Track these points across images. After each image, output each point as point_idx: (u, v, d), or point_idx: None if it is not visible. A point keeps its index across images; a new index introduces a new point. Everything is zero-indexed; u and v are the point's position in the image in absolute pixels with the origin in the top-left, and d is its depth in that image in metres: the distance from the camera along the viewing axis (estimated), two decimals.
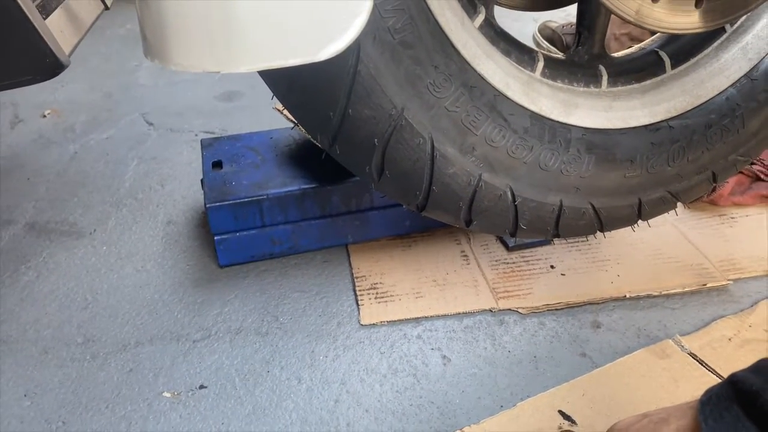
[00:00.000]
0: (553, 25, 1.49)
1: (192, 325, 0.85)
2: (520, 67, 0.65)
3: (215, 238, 0.91)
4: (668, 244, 0.95)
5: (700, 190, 0.78)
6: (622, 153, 0.69)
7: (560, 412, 0.69)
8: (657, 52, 0.74)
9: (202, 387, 0.76)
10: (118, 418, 0.72)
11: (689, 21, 0.63)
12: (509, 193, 0.66)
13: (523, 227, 0.69)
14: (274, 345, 0.81)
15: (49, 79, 0.56)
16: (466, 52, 0.58)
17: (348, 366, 0.78)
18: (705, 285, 0.87)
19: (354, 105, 0.56)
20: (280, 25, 0.45)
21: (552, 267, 0.92)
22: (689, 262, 0.91)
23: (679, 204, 0.78)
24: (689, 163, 0.73)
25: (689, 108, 0.72)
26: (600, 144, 0.68)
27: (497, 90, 0.61)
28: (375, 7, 0.49)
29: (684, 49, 0.75)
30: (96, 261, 0.97)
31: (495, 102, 0.62)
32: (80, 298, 0.90)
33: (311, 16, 0.45)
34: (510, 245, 0.95)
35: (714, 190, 1.02)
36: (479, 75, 0.60)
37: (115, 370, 0.78)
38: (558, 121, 0.66)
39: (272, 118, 1.35)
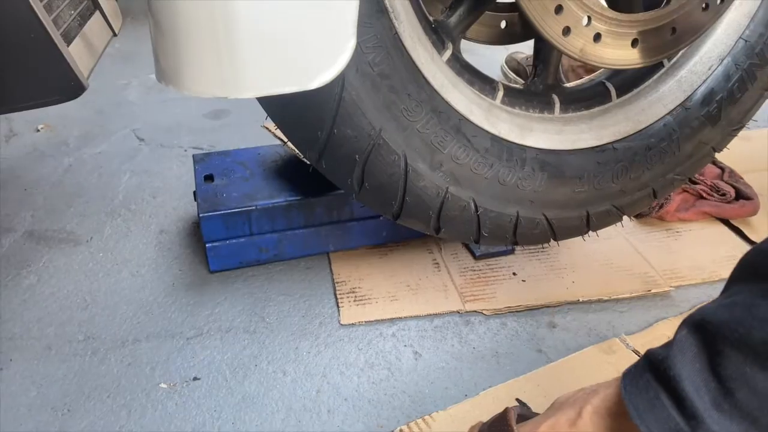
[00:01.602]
0: (519, 56, 1.60)
1: (185, 324, 0.92)
2: (482, 96, 0.74)
3: (207, 245, 0.99)
4: (619, 254, 1.05)
5: (642, 205, 0.88)
6: (571, 171, 0.79)
7: (517, 399, 0.78)
8: (604, 83, 0.85)
9: (195, 379, 0.83)
10: (119, 406, 0.80)
11: (627, 58, 0.74)
12: (472, 205, 0.75)
13: (485, 234, 0.79)
14: (261, 342, 0.89)
15: (72, 99, 0.64)
16: (435, 83, 0.68)
17: (329, 361, 0.86)
18: (650, 291, 0.97)
19: (339, 126, 0.65)
20: (279, 59, 0.54)
21: (514, 274, 1.01)
22: (637, 271, 1.02)
23: (624, 216, 0.89)
24: (631, 181, 0.83)
25: (631, 132, 0.82)
26: (552, 163, 0.78)
27: (462, 115, 0.71)
28: (358, 44, 0.59)
29: (628, 81, 0.85)
30: (93, 266, 1.04)
31: (460, 125, 0.71)
32: (80, 300, 0.97)
33: (305, 51, 0.54)
34: (476, 254, 1.04)
35: (662, 206, 1.12)
36: (446, 102, 0.69)
37: (114, 364, 0.86)
38: (515, 143, 0.75)
39: (257, 135, 1.44)
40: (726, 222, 1.14)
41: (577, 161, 0.79)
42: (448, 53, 0.72)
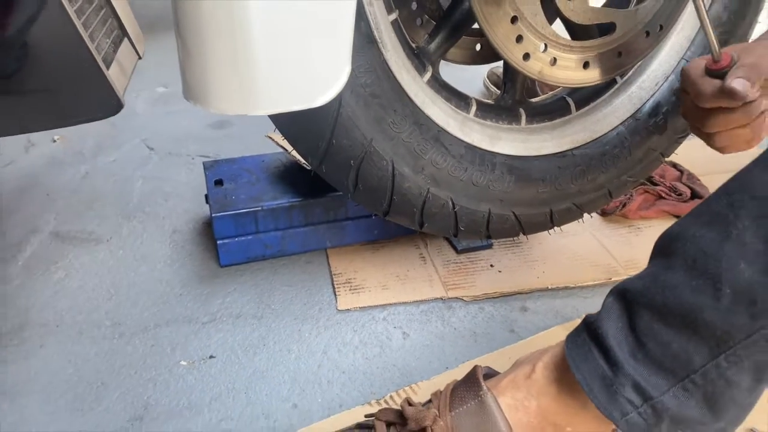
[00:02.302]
0: (499, 71, 1.74)
1: (200, 311, 1.04)
2: (458, 110, 0.87)
3: (218, 242, 1.11)
4: (586, 248, 1.18)
5: (599, 203, 1.01)
6: (535, 174, 0.92)
7: (491, 368, 0.90)
8: (565, 98, 0.98)
9: (211, 357, 0.95)
10: (145, 380, 0.91)
11: (580, 78, 0.87)
12: (450, 203, 0.88)
13: (462, 229, 0.91)
14: (268, 325, 1.01)
15: (113, 115, 0.77)
16: (417, 100, 0.81)
17: (328, 340, 0.98)
18: (611, 279, 1.10)
19: (336, 137, 0.78)
20: (289, 83, 0.66)
21: (491, 265, 1.14)
22: (601, 262, 1.14)
23: (584, 213, 1.01)
24: (588, 182, 0.96)
25: (588, 140, 0.96)
26: (518, 167, 0.91)
27: (440, 127, 0.84)
28: (352, 69, 0.71)
29: (585, 96, 0.98)
30: (115, 263, 1.16)
31: (438, 135, 0.84)
32: (105, 292, 1.09)
33: (311, 76, 0.66)
34: (458, 249, 1.17)
35: (625, 205, 1.25)
36: (427, 116, 0.82)
37: (140, 345, 0.97)
38: (486, 150, 0.88)
39: (257, 143, 1.55)
40: None
41: (540, 166, 0.92)
42: (428, 75, 0.85)
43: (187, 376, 0.92)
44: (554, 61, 0.82)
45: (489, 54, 1.04)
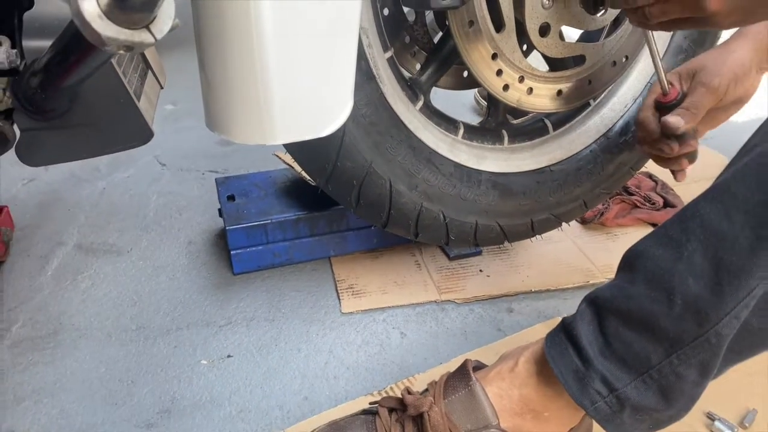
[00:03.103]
0: None
1: (217, 315, 1.15)
2: (447, 133, 0.98)
3: (231, 252, 1.22)
4: (566, 254, 1.29)
5: (576, 213, 1.12)
6: (517, 188, 1.03)
7: (479, 361, 1.01)
8: (543, 120, 1.09)
9: (229, 356, 1.06)
10: (170, 377, 1.02)
11: (554, 105, 0.98)
12: (441, 216, 0.99)
13: (452, 238, 1.03)
14: (279, 327, 1.12)
15: (145, 144, 0.88)
16: (411, 126, 0.92)
17: (333, 340, 1.09)
18: (588, 282, 1.21)
19: (341, 160, 0.89)
20: (301, 116, 0.77)
21: (480, 270, 1.25)
22: (580, 267, 1.26)
23: (562, 223, 1.13)
24: (565, 195, 1.07)
25: (564, 158, 1.07)
26: (502, 183, 1.02)
27: (431, 149, 0.95)
28: (354, 103, 0.82)
29: (562, 118, 1.09)
30: (136, 272, 1.27)
31: (430, 157, 0.95)
32: (128, 299, 1.19)
33: (319, 110, 0.77)
34: (450, 256, 1.28)
35: (602, 214, 1.37)
36: (420, 140, 0.93)
37: (164, 347, 1.08)
38: (473, 168, 0.99)
39: (264, 158, 1.66)
40: (655, 226, 1.38)
41: (521, 181, 1.03)
42: (420, 103, 0.96)
43: (208, 373, 1.03)
44: (530, 90, 0.94)
45: (475, 81, 1.15)
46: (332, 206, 1.22)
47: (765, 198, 0.61)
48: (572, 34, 1.06)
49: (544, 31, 0.90)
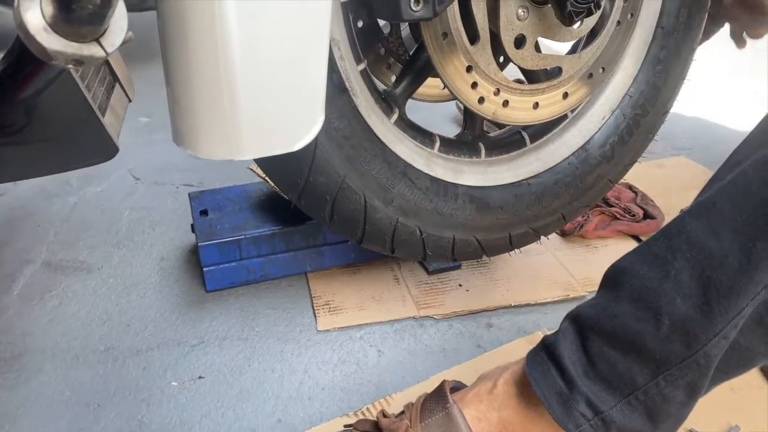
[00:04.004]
0: None
1: (189, 335, 1.11)
2: (423, 147, 0.96)
3: (204, 269, 1.19)
4: (546, 266, 1.28)
5: (555, 227, 1.10)
6: (494, 202, 1.01)
7: (458, 381, 0.99)
8: (520, 132, 1.08)
9: (200, 377, 1.03)
10: (139, 400, 0.98)
11: (531, 117, 0.97)
12: (418, 231, 0.97)
13: (429, 254, 1.00)
14: (252, 347, 1.09)
15: (109, 160, 0.85)
16: (385, 140, 0.90)
17: (308, 359, 1.06)
18: (569, 296, 1.19)
19: (314, 174, 0.86)
20: (270, 130, 0.75)
21: (460, 285, 1.23)
22: (560, 280, 1.24)
23: (541, 236, 1.11)
24: (543, 208, 1.06)
25: (542, 170, 1.05)
26: (479, 196, 1.00)
27: (407, 162, 0.93)
28: (326, 116, 0.80)
29: (539, 130, 1.08)
30: (106, 290, 1.23)
31: (405, 170, 0.93)
32: (98, 318, 1.16)
33: (289, 125, 0.75)
34: (429, 270, 1.26)
35: (582, 226, 1.36)
36: (395, 153, 0.91)
37: (133, 368, 1.04)
38: (449, 182, 0.97)
39: (241, 171, 1.64)
40: (636, 237, 1.37)
41: (498, 195, 1.02)
42: (395, 116, 0.94)
43: (178, 395, 0.99)
44: (506, 103, 0.92)
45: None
46: (308, 220, 1.20)
47: (752, 216, 0.60)
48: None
49: (519, 43, 0.88)
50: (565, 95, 0.97)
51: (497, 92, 0.90)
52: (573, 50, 1.06)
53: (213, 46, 0.69)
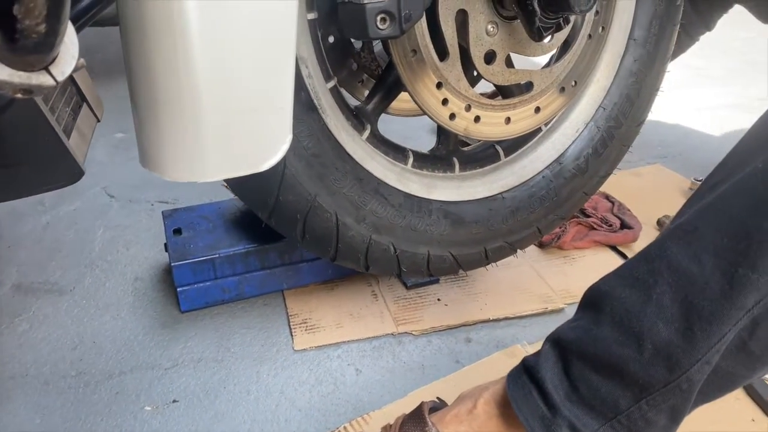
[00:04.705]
0: None
1: (163, 357, 1.09)
2: (396, 162, 0.96)
3: (178, 289, 1.17)
4: (524, 279, 1.27)
5: (530, 240, 1.10)
6: (469, 217, 1.01)
7: (438, 398, 0.97)
8: (494, 146, 1.07)
9: (174, 401, 1.00)
10: (112, 426, 0.96)
11: (503, 132, 0.96)
12: (392, 248, 0.96)
13: (404, 270, 0.99)
14: (228, 368, 1.07)
15: (74, 183, 0.83)
16: (356, 156, 0.89)
17: (285, 380, 1.04)
18: (547, 308, 1.19)
19: (283, 194, 0.85)
20: (235, 151, 0.74)
21: (438, 299, 1.22)
22: (538, 292, 1.23)
23: (517, 250, 1.11)
24: (518, 222, 1.05)
25: (516, 184, 1.05)
26: (453, 212, 0.99)
27: (379, 179, 0.92)
28: (295, 135, 0.79)
29: (513, 144, 1.08)
30: (79, 312, 1.21)
31: (378, 187, 0.92)
32: (69, 342, 1.13)
33: (255, 145, 0.74)
34: (408, 285, 1.25)
35: (560, 237, 1.35)
36: (366, 170, 0.91)
37: (105, 394, 1.02)
38: (423, 197, 0.97)
39: (215, 186, 1.62)
40: (613, 248, 1.37)
41: (473, 209, 1.01)
42: (367, 132, 0.93)
43: (151, 420, 0.97)
44: (478, 119, 0.92)
45: None
46: (284, 238, 1.18)
47: (733, 241, 0.60)
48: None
49: (489, 58, 0.88)
50: (538, 109, 0.96)
51: (468, 108, 0.90)
52: (547, 64, 1.06)
53: (176, 67, 0.68)
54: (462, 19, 0.84)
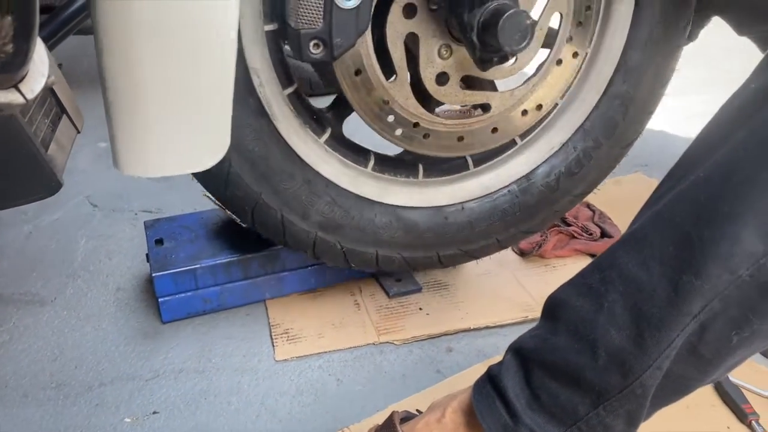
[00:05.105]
0: None
1: (144, 368, 1.09)
2: (355, 165, 0.99)
3: (159, 299, 1.16)
4: (505, 287, 1.28)
5: (489, 250, 1.11)
6: (423, 223, 1.03)
7: (417, 410, 0.98)
8: (465, 156, 1.08)
9: (155, 413, 1.00)
10: None
11: (456, 150, 0.99)
12: (338, 245, 1.01)
13: (353, 265, 1.04)
14: (209, 379, 1.07)
15: (52, 195, 0.83)
16: (308, 160, 0.94)
17: (266, 391, 1.04)
18: (527, 317, 1.20)
19: (230, 189, 0.93)
20: (178, 151, 0.77)
21: (420, 309, 1.22)
22: (519, 301, 1.24)
23: (474, 258, 1.12)
24: (475, 233, 1.07)
25: (480, 195, 1.06)
26: (407, 216, 1.03)
27: (329, 181, 0.97)
28: (242, 138, 0.87)
29: (485, 155, 1.08)
30: (59, 323, 1.20)
31: (327, 189, 0.97)
32: (49, 353, 1.13)
33: (196, 147, 0.77)
34: (390, 294, 1.25)
35: (541, 246, 1.36)
36: (317, 173, 0.95)
37: (84, 406, 1.02)
38: (375, 201, 1.01)
39: (198, 196, 1.61)
40: (594, 256, 1.38)
41: (428, 216, 1.04)
42: (326, 135, 0.98)
43: None
44: (427, 136, 0.95)
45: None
46: (266, 248, 1.19)
47: (678, 249, 0.61)
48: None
49: (442, 79, 0.90)
50: (495, 130, 0.98)
51: (416, 125, 0.93)
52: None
53: (123, 71, 0.72)
54: (412, 41, 0.87)
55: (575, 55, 0.99)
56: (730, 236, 0.59)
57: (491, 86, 0.99)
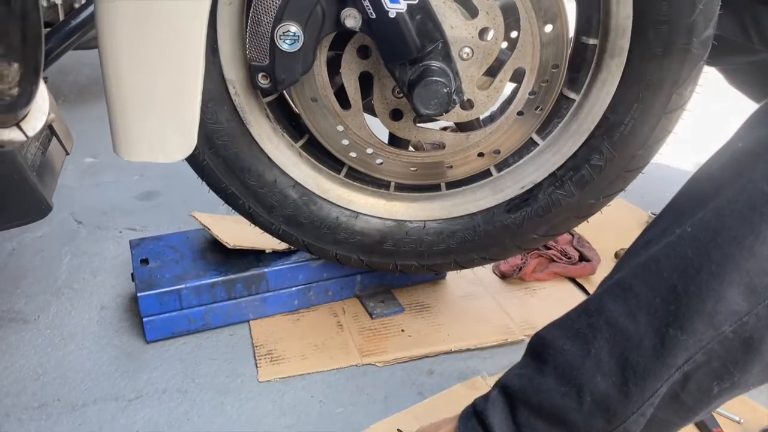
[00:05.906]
0: None
1: (127, 388, 1.10)
2: (326, 170, 1.05)
3: (144, 319, 1.17)
4: (486, 310, 1.31)
5: (445, 268, 1.14)
6: (383, 232, 1.08)
7: (398, 429, 1.00)
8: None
9: None
10: None
11: (409, 178, 1.06)
12: (301, 239, 1.08)
13: (315, 257, 1.14)
14: (192, 400, 1.08)
15: (41, 219, 0.84)
16: (278, 162, 1.02)
17: (249, 411, 1.06)
18: (507, 340, 1.22)
19: (206, 178, 1.02)
20: (153, 142, 0.87)
21: (402, 330, 1.24)
22: (499, 323, 1.27)
23: (432, 271, 1.16)
24: (433, 251, 1.10)
25: (443, 217, 1.08)
26: (366, 225, 1.07)
27: (297, 182, 1.04)
28: (212, 138, 0.96)
29: (457, 181, 1.09)
30: (42, 341, 1.20)
31: (295, 189, 1.04)
32: (32, 372, 1.13)
33: (166, 142, 0.87)
34: (373, 316, 1.27)
35: (521, 269, 1.40)
36: (286, 174, 1.03)
37: (67, 426, 1.02)
38: (341, 206, 1.06)
39: (184, 214, 1.63)
40: (572, 280, 1.42)
41: (389, 226, 1.08)
42: (303, 140, 1.05)
43: None
44: (381, 163, 1.02)
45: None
46: (250, 269, 1.20)
47: (665, 302, 0.64)
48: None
49: (396, 116, 0.96)
50: (450, 167, 1.02)
51: (371, 152, 1.00)
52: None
53: (111, 68, 0.80)
54: (368, 78, 0.94)
55: (539, 109, 1.00)
56: (716, 294, 0.62)
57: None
